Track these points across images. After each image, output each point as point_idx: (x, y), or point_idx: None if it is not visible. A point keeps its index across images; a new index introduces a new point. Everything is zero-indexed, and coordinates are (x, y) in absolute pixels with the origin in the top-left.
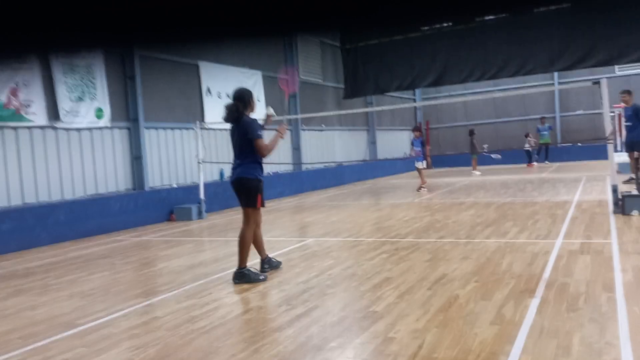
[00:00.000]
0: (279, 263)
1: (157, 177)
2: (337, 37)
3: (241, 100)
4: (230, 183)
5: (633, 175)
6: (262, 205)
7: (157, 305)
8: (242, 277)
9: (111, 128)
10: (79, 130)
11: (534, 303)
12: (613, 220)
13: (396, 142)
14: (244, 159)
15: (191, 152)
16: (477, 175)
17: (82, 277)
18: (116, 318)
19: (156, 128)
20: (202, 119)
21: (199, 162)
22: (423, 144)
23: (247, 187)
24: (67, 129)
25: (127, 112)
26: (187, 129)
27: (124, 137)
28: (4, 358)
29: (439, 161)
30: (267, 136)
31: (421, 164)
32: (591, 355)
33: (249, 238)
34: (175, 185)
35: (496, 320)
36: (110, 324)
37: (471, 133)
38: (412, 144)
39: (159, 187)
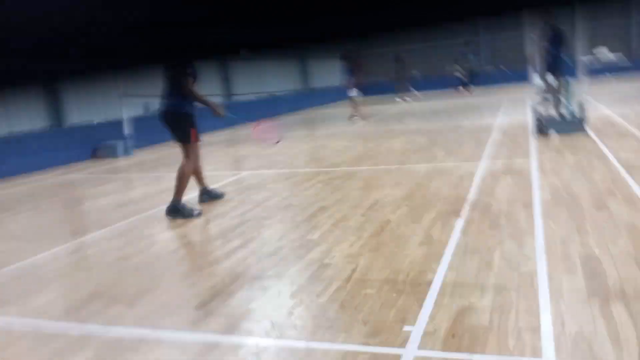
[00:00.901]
0: (222, 194)
1: (75, 113)
2: None
3: None
4: (159, 116)
5: (547, 96)
6: (197, 139)
7: (87, 244)
8: (177, 212)
9: None
10: None
11: (460, 223)
12: (533, 141)
13: (329, 71)
14: (172, 91)
15: (111, 86)
16: (398, 102)
17: (5, 219)
18: (45, 258)
19: None
20: None
21: (121, 97)
22: (352, 72)
23: (178, 122)
24: None
25: None
26: None
27: None
28: None
29: (370, 89)
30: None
31: (352, 93)
32: (510, 268)
33: (189, 173)
34: (95, 122)
35: (425, 241)
36: (40, 265)
37: (397, 59)
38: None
39: (79, 124)
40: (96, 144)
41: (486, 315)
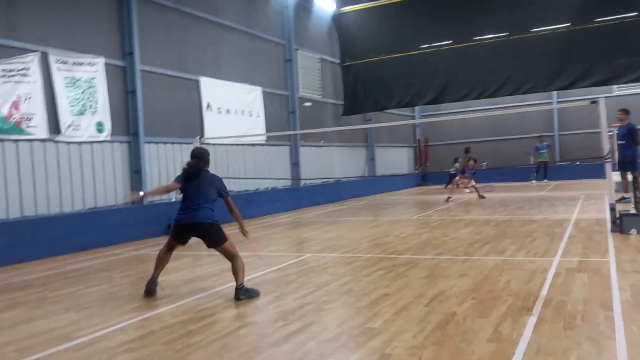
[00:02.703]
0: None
1: None
2: (337, 54)
3: (202, 158)
4: (191, 224)
5: (625, 195)
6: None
7: (153, 319)
8: (246, 292)
9: (111, 142)
10: (79, 143)
11: (532, 321)
12: (611, 239)
13: (394, 159)
14: (205, 203)
15: None
16: (467, 192)
17: (79, 291)
18: (112, 332)
19: (156, 142)
20: (201, 134)
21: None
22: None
23: (216, 230)
24: (67, 143)
25: (127, 126)
26: (186, 143)
27: (123, 151)
28: None
29: (437, 178)
30: None
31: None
32: None
33: (242, 260)
34: (173, 200)
35: (493, 338)
36: (107, 338)
37: (467, 151)
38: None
39: (157, 201)
40: (171, 221)
41: None
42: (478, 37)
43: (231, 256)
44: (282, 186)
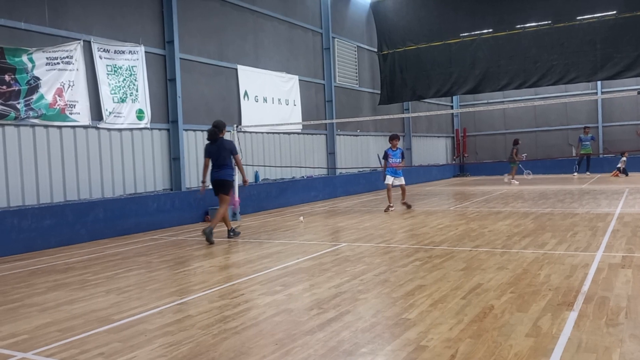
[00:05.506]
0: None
1: (194, 177)
2: (374, 42)
3: (218, 127)
4: (215, 180)
5: None
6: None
7: (190, 304)
8: (212, 233)
9: (151, 129)
10: (120, 130)
11: (572, 316)
12: None
13: (432, 149)
14: (223, 165)
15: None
16: (516, 184)
17: (119, 274)
18: (151, 315)
19: (194, 130)
20: (239, 122)
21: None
22: (404, 156)
23: (227, 185)
24: (109, 129)
25: (166, 114)
26: None
27: (163, 138)
28: (43, 350)
29: (476, 169)
30: None
31: (401, 180)
32: None
33: (226, 211)
34: (211, 187)
35: (532, 333)
36: (145, 321)
37: (516, 142)
38: (385, 155)
39: (195, 188)
40: (208, 207)
41: None
42: (520, 26)
43: (224, 203)
44: (317, 175)
